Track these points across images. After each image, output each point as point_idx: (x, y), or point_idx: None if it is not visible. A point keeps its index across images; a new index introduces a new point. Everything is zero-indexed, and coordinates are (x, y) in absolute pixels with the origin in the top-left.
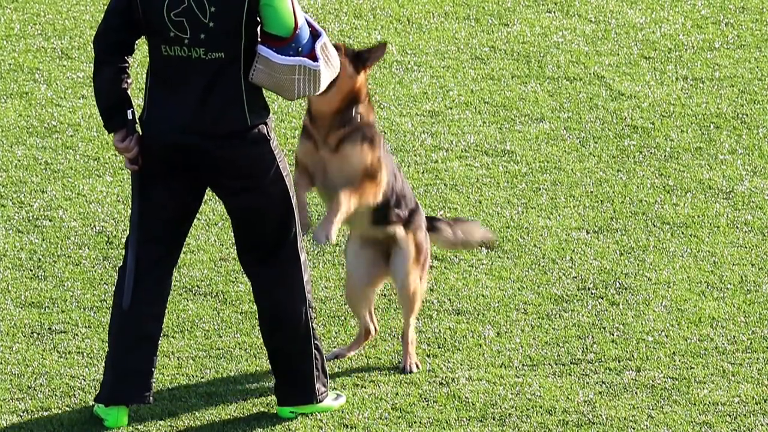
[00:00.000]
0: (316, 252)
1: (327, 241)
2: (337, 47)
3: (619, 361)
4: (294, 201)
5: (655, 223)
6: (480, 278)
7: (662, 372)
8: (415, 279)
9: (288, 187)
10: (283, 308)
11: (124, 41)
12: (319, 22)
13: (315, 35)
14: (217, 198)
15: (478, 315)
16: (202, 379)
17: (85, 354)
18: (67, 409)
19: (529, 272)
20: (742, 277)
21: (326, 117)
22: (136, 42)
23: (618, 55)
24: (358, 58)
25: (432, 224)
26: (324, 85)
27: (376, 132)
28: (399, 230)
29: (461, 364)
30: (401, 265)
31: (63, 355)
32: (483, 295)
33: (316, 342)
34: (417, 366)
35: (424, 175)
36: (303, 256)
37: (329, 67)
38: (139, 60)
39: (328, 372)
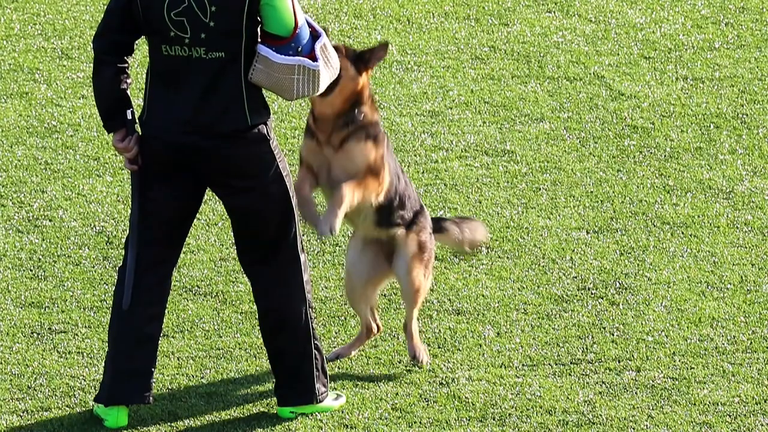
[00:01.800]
0: (316, 252)
1: (331, 233)
2: (337, 48)
3: (619, 361)
4: (294, 201)
5: (655, 223)
6: (480, 278)
7: (662, 372)
8: (418, 275)
9: (288, 187)
10: (283, 308)
11: (123, 41)
12: (319, 22)
13: (315, 36)
14: (217, 198)
15: (478, 315)
16: (202, 379)
17: (85, 354)
18: (67, 409)
19: (529, 272)
20: (742, 277)
21: (329, 118)
22: (136, 42)
23: (618, 55)
24: (360, 59)
25: (439, 225)
26: (323, 85)
27: (380, 131)
28: (402, 231)
29: (461, 364)
30: (403, 262)
31: (63, 355)
32: (483, 295)
33: (316, 342)
34: (426, 355)
35: (424, 175)
36: (303, 257)
37: (329, 67)
38: (139, 60)
39: (328, 372)
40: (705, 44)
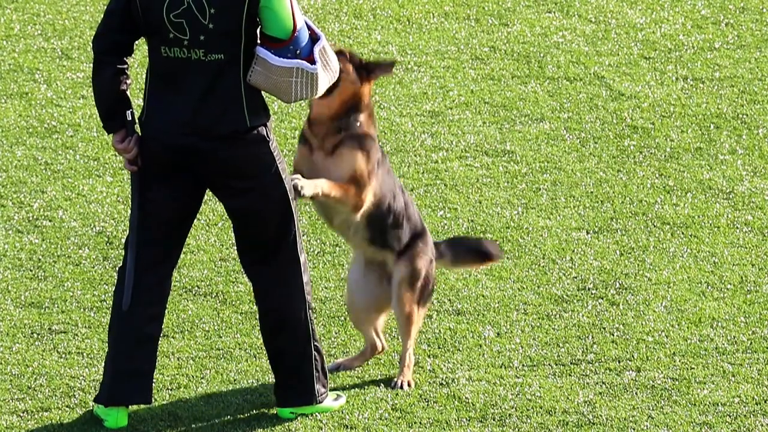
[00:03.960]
0: (316, 252)
1: (297, 193)
2: (342, 52)
3: (619, 362)
4: (294, 202)
5: (655, 223)
6: (480, 278)
7: (662, 372)
8: (408, 302)
9: (287, 188)
10: (282, 309)
11: (123, 42)
12: (318, 23)
13: (314, 39)
14: (217, 198)
15: (478, 315)
16: (202, 379)
17: (85, 354)
18: (67, 409)
19: (529, 272)
20: (742, 277)
21: (325, 121)
22: (136, 43)
23: (618, 55)
24: (364, 68)
25: (437, 251)
26: (322, 88)
27: (374, 146)
28: (394, 255)
29: (461, 365)
30: (395, 288)
31: (63, 355)
32: (483, 295)
33: (315, 343)
34: (409, 384)
35: (424, 175)
36: (303, 258)
37: (327, 70)
38: (139, 60)
39: (328, 373)
40: (705, 44)
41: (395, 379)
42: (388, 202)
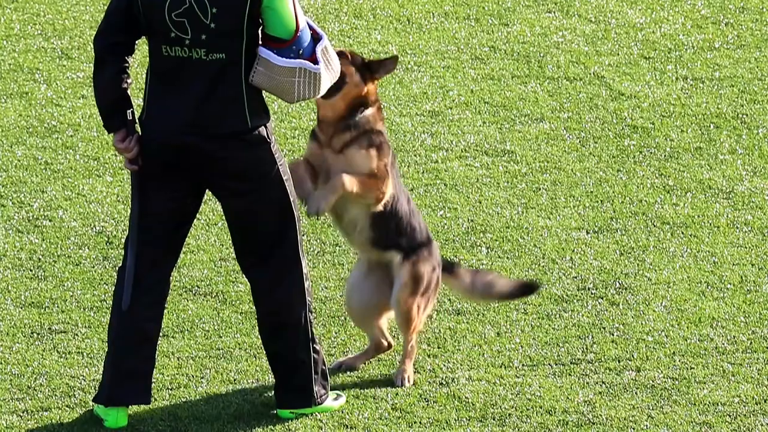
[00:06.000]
0: (316, 252)
1: (317, 215)
2: (343, 53)
3: (619, 361)
4: (294, 204)
5: (655, 223)
6: None
7: (662, 372)
8: (409, 305)
9: (288, 190)
10: (282, 311)
11: (124, 41)
12: (318, 23)
13: (316, 38)
14: (216, 198)
15: (478, 315)
16: (202, 379)
17: (85, 354)
18: (67, 409)
19: (529, 272)
20: (742, 277)
21: (331, 122)
22: (136, 42)
23: (618, 55)
24: (367, 68)
25: (452, 269)
26: (324, 88)
27: (384, 141)
28: (397, 258)
29: (461, 364)
30: (395, 292)
31: (63, 355)
32: None
33: (315, 345)
34: (408, 380)
35: (424, 175)
36: (303, 260)
37: (330, 70)
38: (139, 60)
39: (328, 374)
40: (705, 44)
41: (395, 375)
42: (394, 204)
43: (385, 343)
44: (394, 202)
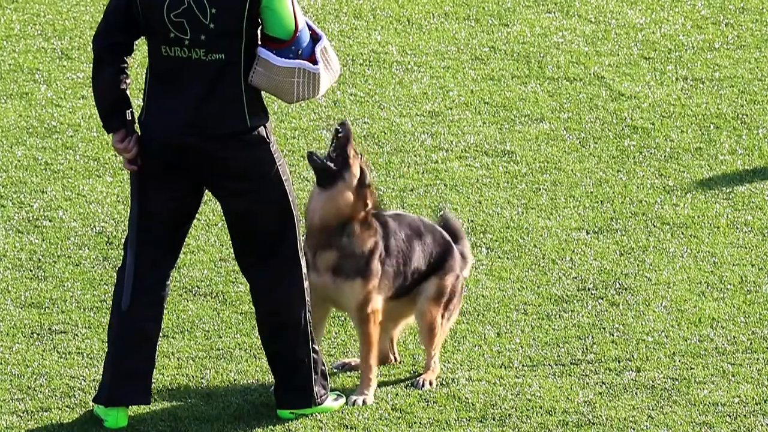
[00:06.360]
0: None
1: (364, 404)
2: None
3: (619, 362)
4: (294, 204)
5: (655, 223)
6: (480, 278)
7: (662, 372)
8: (433, 316)
9: (287, 190)
10: (282, 312)
11: (123, 42)
12: (318, 23)
13: (315, 39)
14: (216, 198)
15: (478, 315)
16: (202, 379)
17: (85, 354)
18: (67, 409)
19: (529, 272)
20: (742, 278)
21: (316, 233)
22: (136, 42)
23: (618, 55)
24: (363, 185)
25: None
26: (323, 88)
27: (373, 259)
28: (421, 285)
29: (461, 365)
30: (420, 303)
31: (63, 355)
32: (483, 296)
33: (314, 346)
34: (430, 383)
35: (424, 175)
36: (303, 260)
37: (329, 70)
38: (139, 60)
39: (327, 375)
40: (705, 44)
41: (418, 378)
42: (393, 271)
43: (392, 357)
44: (396, 263)
